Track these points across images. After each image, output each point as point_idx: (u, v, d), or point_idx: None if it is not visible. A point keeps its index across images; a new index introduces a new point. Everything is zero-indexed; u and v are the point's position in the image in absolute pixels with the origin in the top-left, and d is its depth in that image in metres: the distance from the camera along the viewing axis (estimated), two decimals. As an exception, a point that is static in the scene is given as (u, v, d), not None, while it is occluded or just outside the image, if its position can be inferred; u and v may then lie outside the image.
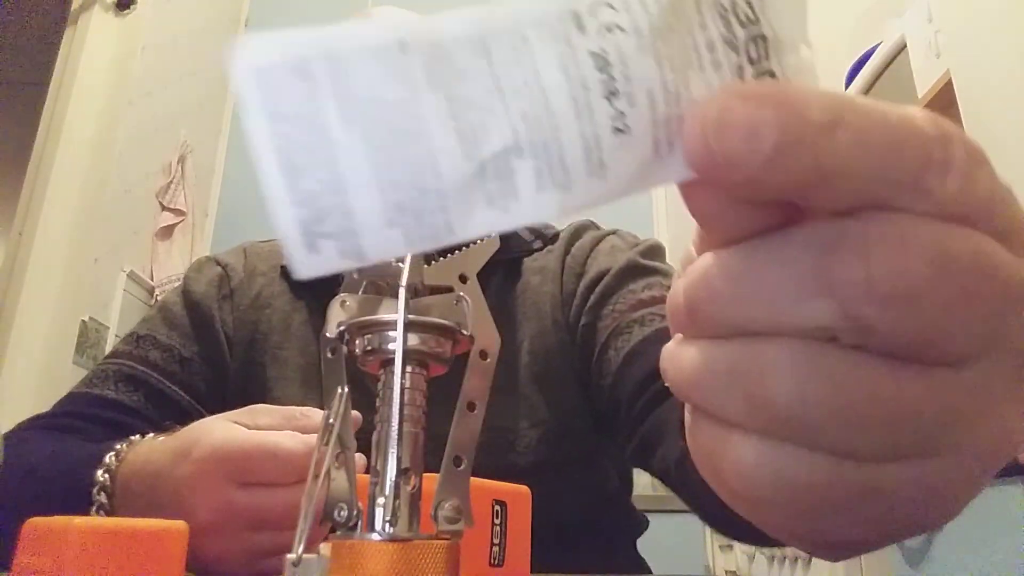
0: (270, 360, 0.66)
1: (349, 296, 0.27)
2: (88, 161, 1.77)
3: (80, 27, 1.85)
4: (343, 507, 0.26)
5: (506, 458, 0.61)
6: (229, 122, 2.46)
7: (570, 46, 0.16)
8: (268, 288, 0.70)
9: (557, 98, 0.16)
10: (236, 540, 0.41)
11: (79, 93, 1.78)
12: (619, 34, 0.16)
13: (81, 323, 1.68)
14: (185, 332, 0.67)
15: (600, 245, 0.69)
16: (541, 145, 0.16)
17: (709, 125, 0.15)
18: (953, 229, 0.15)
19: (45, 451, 0.52)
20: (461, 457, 0.27)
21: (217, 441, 0.41)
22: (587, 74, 0.16)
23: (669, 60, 0.16)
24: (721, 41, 0.17)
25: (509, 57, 0.16)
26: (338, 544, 0.24)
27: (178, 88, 2.18)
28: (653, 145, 0.17)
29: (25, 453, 0.51)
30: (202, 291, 0.69)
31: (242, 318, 0.68)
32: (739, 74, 0.17)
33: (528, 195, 0.16)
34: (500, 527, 0.36)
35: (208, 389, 0.65)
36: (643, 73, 0.16)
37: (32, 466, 0.50)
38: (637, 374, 0.58)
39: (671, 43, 0.17)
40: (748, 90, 0.15)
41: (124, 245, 1.90)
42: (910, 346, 0.15)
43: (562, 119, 0.16)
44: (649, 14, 0.16)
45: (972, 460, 0.16)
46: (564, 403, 0.65)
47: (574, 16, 0.16)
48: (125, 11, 1.91)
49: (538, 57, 0.16)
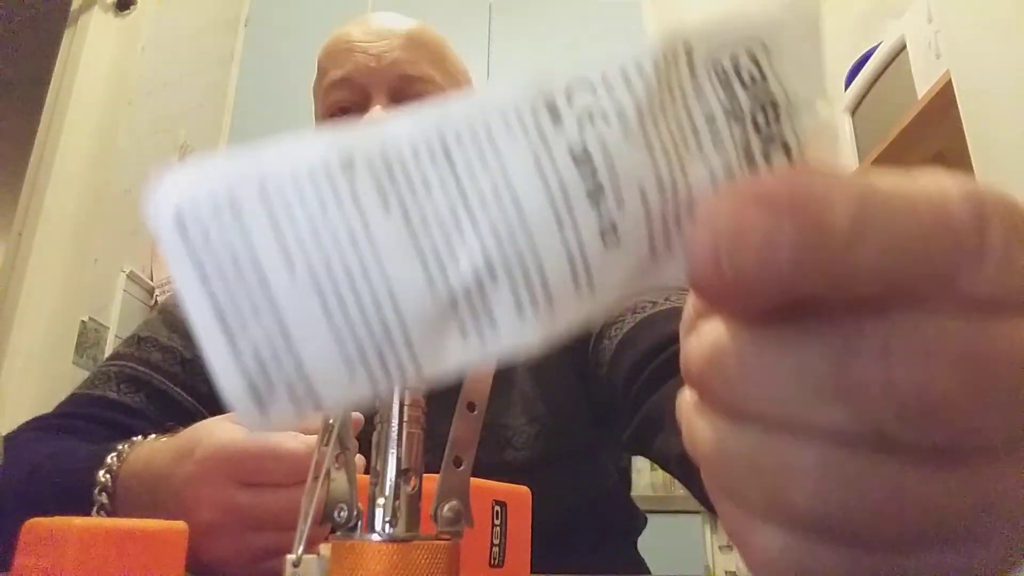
0: None
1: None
2: (88, 161, 1.77)
3: (80, 27, 1.85)
4: (343, 507, 0.26)
5: (503, 454, 0.61)
6: (229, 122, 2.46)
7: (544, 142, 0.14)
8: None
9: (532, 206, 0.14)
10: (238, 541, 0.41)
11: (79, 93, 1.78)
12: (601, 122, 0.14)
13: (81, 323, 1.68)
14: (186, 334, 0.67)
15: None
16: (517, 263, 0.14)
17: (718, 239, 0.13)
18: (986, 323, 0.13)
19: (46, 452, 0.52)
20: (461, 458, 0.27)
21: (219, 442, 0.41)
22: (566, 174, 0.14)
23: (662, 145, 0.14)
24: (722, 111, 0.14)
25: (473, 161, 0.14)
26: (338, 544, 0.24)
27: (178, 88, 2.18)
28: (648, 247, 0.15)
29: (26, 454, 0.51)
30: None
31: None
32: (745, 150, 0.15)
33: (507, 322, 0.14)
34: (500, 528, 0.36)
35: (210, 391, 0.64)
36: (632, 166, 0.14)
37: (33, 467, 0.50)
38: (630, 359, 0.58)
39: (663, 123, 0.14)
40: (760, 192, 0.13)
41: (124, 246, 1.90)
42: (938, 447, 0.14)
43: (540, 230, 0.14)
44: (634, 92, 0.14)
45: (1008, 545, 0.15)
46: (561, 398, 0.65)
47: (547, 105, 0.14)
48: (125, 11, 1.91)
49: (507, 158, 0.14)
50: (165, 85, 2.10)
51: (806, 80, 0.15)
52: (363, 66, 0.66)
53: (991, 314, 0.13)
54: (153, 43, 2.02)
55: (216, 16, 2.44)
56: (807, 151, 0.15)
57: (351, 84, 0.67)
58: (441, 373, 0.14)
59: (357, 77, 0.66)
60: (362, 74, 0.66)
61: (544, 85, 0.14)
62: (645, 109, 0.14)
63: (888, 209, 0.13)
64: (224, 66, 2.50)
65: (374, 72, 0.66)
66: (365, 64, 0.66)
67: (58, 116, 1.76)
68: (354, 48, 0.67)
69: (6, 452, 0.47)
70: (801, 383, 0.14)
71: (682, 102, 0.14)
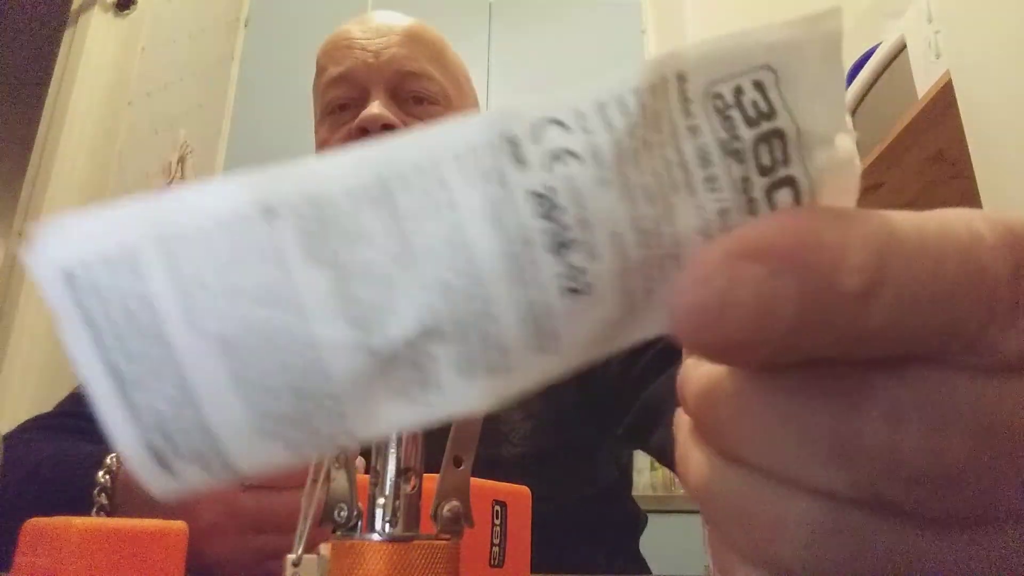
0: None
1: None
2: (88, 161, 1.77)
3: (80, 27, 1.85)
4: (343, 508, 0.26)
5: (500, 450, 0.61)
6: (229, 122, 2.46)
7: (504, 187, 0.12)
8: None
9: (488, 258, 0.12)
10: (240, 542, 0.41)
11: (79, 93, 1.78)
12: (572, 163, 0.12)
13: (81, 323, 1.68)
14: None
15: None
16: (468, 322, 0.12)
17: (707, 296, 0.12)
18: (1009, 385, 0.12)
19: (46, 452, 0.52)
20: (461, 457, 0.27)
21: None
22: (528, 223, 0.12)
23: (644, 188, 0.12)
24: (719, 148, 0.12)
25: (421, 207, 0.12)
26: (338, 545, 0.24)
27: (178, 88, 2.18)
28: (624, 300, 0.13)
29: (26, 454, 0.51)
30: None
31: None
32: (745, 192, 0.13)
33: (455, 385, 0.13)
34: (500, 528, 0.36)
35: None
36: (607, 212, 0.12)
37: (33, 467, 0.50)
38: (626, 350, 0.58)
39: (646, 164, 0.13)
40: (759, 240, 0.11)
41: (124, 245, 1.90)
42: (944, 518, 0.12)
43: (495, 287, 0.12)
44: (613, 130, 0.12)
45: None
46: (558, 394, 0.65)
47: (510, 144, 0.12)
48: (125, 11, 1.91)
49: (461, 205, 0.12)
50: (165, 85, 2.10)
51: (824, 111, 0.13)
52: (361, 62, 0.66)
53: (1014, 374, 0.12)
54: (153, 43, 2.02)
55: (216, 16, 2.44)
56: (820, 193, 0.13)
57: (349, 81, 0.67)
58: (376, 435, 0.13)
59: (355, 73, 0.67)
60: (360, 70, 0.66)
61: (507, 123, 0.12)
62: (625, 149, 0.12)
63: (911, 260, 0.11)
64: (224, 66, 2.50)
65: (372, 68, 0.66)
66: (363, 60, 0.66)
67: (58, 116, 1.76)
68: (353, 45, 0.67)
69: (6, 452, 0.47)
70: (798, 439, 0.12)
71: (672, 138, 0.13)
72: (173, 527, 0.31)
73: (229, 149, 2.43)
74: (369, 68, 0.66)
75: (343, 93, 0.67)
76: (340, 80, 0.67)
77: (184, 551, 0.31)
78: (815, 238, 0.11)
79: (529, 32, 2.57)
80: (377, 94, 0.66)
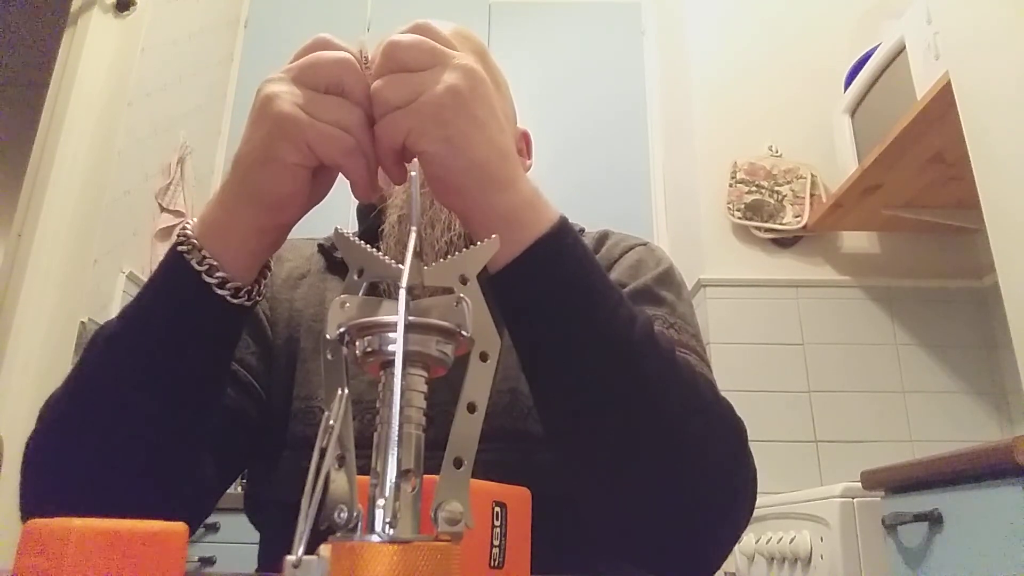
0: (305, 332, 0.68)
1: (349, 298, 0.27)
2: (88, 162, 1.77)
3: (80, 28, 1.85)
4: (343, 509, 0.26)
5: (526, 424, 0.61)
6: (228, 123, 2.46)
7: None
8: (297, 269, 0.73)
9: None
10: (313, 128, 0.43)
11: (79, 94, 1.78)
12: None
13: (80, 324, 1.68)
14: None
15: (627, 256, 0.70)
16: None
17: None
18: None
19: (109, 329, 0.53)
20: (461, 458, 0.27)
21: (275, 107, 0.44)
22: None
23: None
24: None
25: None
26: (338, 546, 0.24)
27: (177, 89, 2.18)
28: None
29: (89, 358, 0.54)
30: None
31: (276, 296, 0.70)
32: None
33: None
34: (500, 529, 0.36)
35: (258, 363, 0.66)
36: None
37: (108, 335, 0.52)
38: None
39: None
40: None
41: (123, 246, 1.90)
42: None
43: None
44: None
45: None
46: None
47: None
48: (125, 12, 1.91)
49: None
50: (165, 86, 2.10)
51: None
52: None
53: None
54: (153, 44, 2.02)
55: (216, 17, 2.44)
56: None
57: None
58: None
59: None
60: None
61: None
62: None
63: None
64: (224, 66, 2.50)
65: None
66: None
67: (58, 117, 1.76)
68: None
69: (51, 415, 0.52)
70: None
71: None
72: (173, 527, 0.31)
73: (229, 149, 2.43)
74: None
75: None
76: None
77: (184, 551, 0.31)
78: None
79: (529, 32, 2.57)
80: None
